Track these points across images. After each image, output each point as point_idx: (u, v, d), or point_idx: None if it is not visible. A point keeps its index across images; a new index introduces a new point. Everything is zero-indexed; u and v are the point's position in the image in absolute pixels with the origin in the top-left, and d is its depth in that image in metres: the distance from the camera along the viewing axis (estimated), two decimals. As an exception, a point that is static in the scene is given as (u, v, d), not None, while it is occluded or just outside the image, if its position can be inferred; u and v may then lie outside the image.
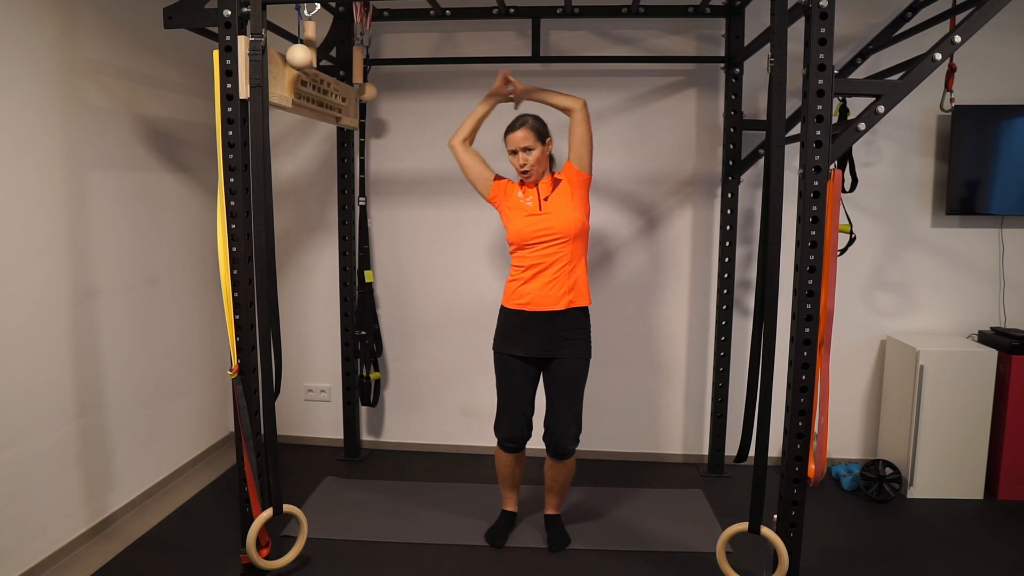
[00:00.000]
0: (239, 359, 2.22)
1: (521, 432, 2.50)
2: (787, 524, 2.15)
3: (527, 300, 2.41)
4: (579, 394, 2.48)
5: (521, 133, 2.41)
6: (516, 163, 2.44)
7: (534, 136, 2.41)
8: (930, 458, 2.96)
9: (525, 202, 2.44)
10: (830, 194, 2.04)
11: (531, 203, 2.43)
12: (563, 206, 2.40)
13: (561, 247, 2.39)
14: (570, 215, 2.38)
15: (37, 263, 2.31)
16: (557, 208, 2.40)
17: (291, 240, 3.49)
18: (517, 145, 2.41)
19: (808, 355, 2.08)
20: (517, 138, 2.41)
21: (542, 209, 2.41)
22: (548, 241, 2.38)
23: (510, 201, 2.47)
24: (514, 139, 2.42)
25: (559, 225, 2.37)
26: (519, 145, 2.41)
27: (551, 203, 2.41)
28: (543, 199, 2.43)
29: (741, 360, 3.17)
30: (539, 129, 2.43)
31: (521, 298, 2.43)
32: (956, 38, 2.06)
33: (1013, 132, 2.99)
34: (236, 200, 2.18)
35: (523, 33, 3.22)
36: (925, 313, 3.24)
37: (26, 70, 2.24)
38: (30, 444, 2.30)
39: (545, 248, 2.39)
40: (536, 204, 2.43)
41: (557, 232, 2.37)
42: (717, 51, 3.18)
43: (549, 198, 2.42)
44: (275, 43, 2.32)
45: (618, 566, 2.46)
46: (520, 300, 2.43)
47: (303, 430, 3.62)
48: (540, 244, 2.39)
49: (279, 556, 2.38)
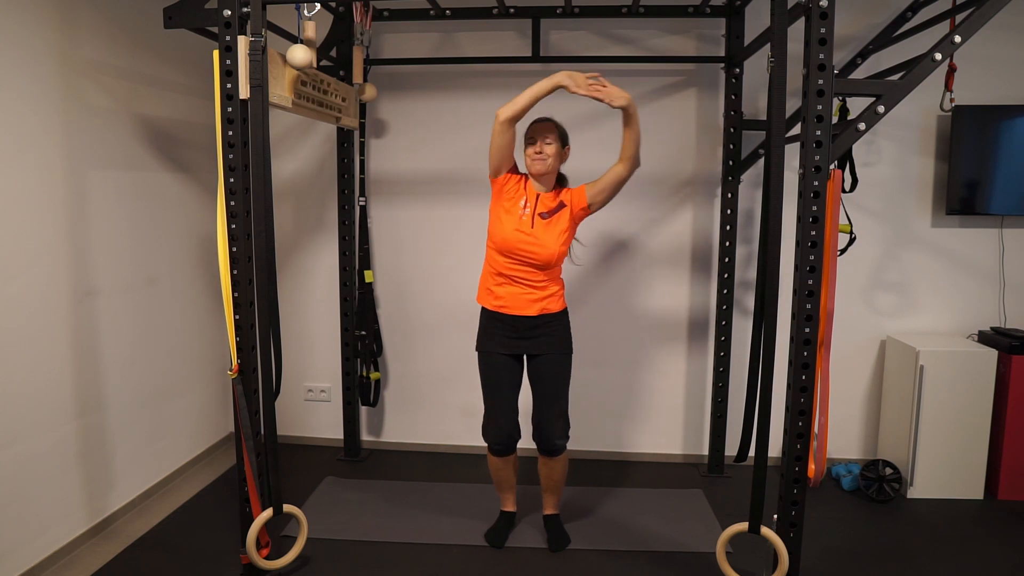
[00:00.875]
0: (239, 359, 2.22)
1: (509, 434, 2.48)
2: (787, 524, 2.15)
3: (502, 303, 2.42)
4: (564, 389, 2.48)
5: (547, 125, 2.39)
6: (532, 150, 2.38)
7: (557, 133, 2.40)
8: (930, 458, 2.96)
9: (522, 211, 2.39)
10: (830, 194, 2.04)
11: (526, 215, 2.38)
12: (552, 235, 2.36)
13: (537, 272, 2.39)
14: (554, 248, 2.35)
15: (37, 263, 2.31)
16: (546, 236, 2.35)
17: (291, 240, 3.49)
18: (539, 134, 2.37)
19: (808, 355, 2.08)
20: (542, 128, 2.38)
21: (532, 228, 2.36)
22: (525, 263, 2.37)
23: (508, 200, 2.42)
24: (539, 128, 2.39)
25: (542, 254, 2.35)
26: (541, 135, 2.37)
27: (543, 228, 2.36)
28: (537, 215, 2.38)
29: (741, 360, 3.17)
30: (563, 132, 2.43)
31: (497, 300, 2.43)
32: (956, 38, 2.06)
33: (1013, 132, 2.99)
34: (236, 200, 2.18)
35: (523, 33, 3.22)
36: (925, 313, 3.24)
37: (26, 70, 2.24)
38: (30, 444, 2.30)
39: (521, 266, 2.38)
40: (529, 219, 2.37)
41: (537, 259, 2.36)
42: (717, 51, 3.18)
43: (545, 218, 2.38)
44: (275, 43, 2.32)
45: (618, 566, 2.46)
46: (496, 302, 2.43)
47: (303, 430, 3.62)
48: (517, 261, 2.38)
49: (279, 556, 2.38)
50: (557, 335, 2.45)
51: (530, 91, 2.26)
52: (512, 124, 2.32)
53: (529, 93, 2.26)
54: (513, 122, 2.31)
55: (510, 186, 2.43)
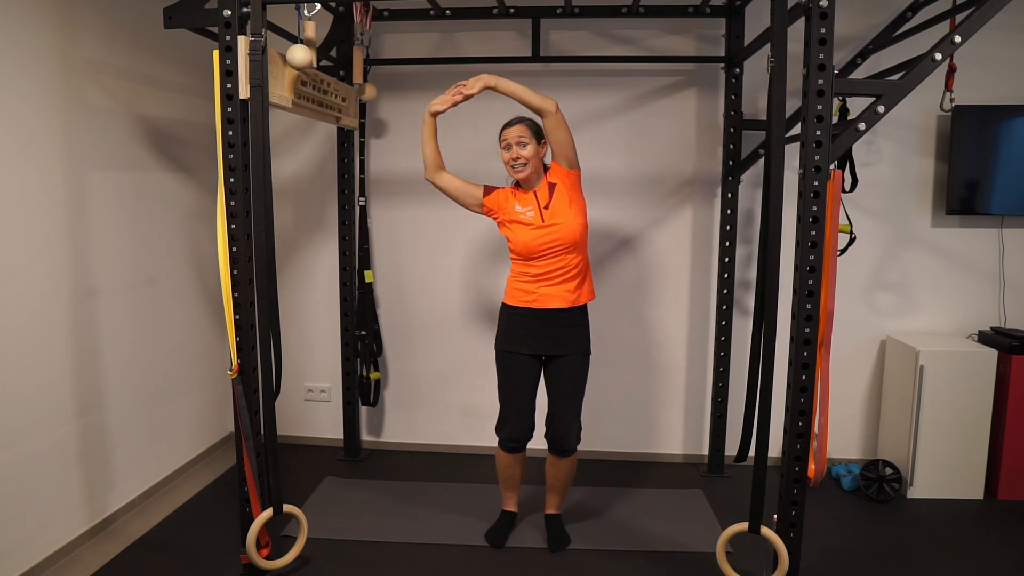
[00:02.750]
0: (239, 359, 2.22)
1: (524, 432, 2.49)
2: (787, 524, 2.15)
3: (533, 298, 2.40)
4: (581, 391, 2.48)
5: (518, 128, 2.39)
6: (509, 157, 2.39)
7: (530, 132, 2.39)
8: (930, 458, 2.96)
9: (526, 214, 2.39)
10: (830, 194, 2.04)
11: (532, 214, 2.38)
12: (564, 213, 2.36)
13: (568, 256, 2.38)
14: (572, 223, 2.35)
15: (37, 263, 2.31)
16: (559, 217, 2.36)
17: (291, 240, 3.49)
18: (512, 139, 2.37)
19: (808, 355, 2.08)
20: (513, 132, 2.38)
21: (544, 220, 2.37)
22: (556, 253, 2.37)
23: (508, 213, 2.43)
24: (510, 133, 2.39)
25: (564, 235, 2.35)
26: (514, 138, 2.37)
27: (552, 212, 2.37)
28: (543, 207, 2.39)
29: (741, 360, 3.17)
30: (536, 129, 2.42)
31: (527, 295, 2.42)
32: (956, 38, 2.06)
33: (1013, 132, 2.99)
34: (236, 200, 2.18)
35: (523, 33, 3.22)
36: (925, 313, 3.24)
37: (26, 70, 2.24)
38: (30, 444, 2.30)
39: (553, 258, 2.38)
40: (537, 215, 2.38)
41: (563, 242, 2.35)
42: (717, 51, 3.17)
43: (549, 206, 2.38)
44: (275, 43, 2.32)
45: (618, 566, 2.46)
46: (526, 298, 2.42)
47: (303, 430, 3.62)
48: (548, 256, 2.38)
49: (279, 556, 2.38)
50: (578, 337, 2.45)
51: (423, 142, 2.46)
52: (438, 170, 2.48)
53: (424, 144, 2.46)
54: (437, 169, 2.48)
55: (503, 203, 2.45)
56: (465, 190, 2.49)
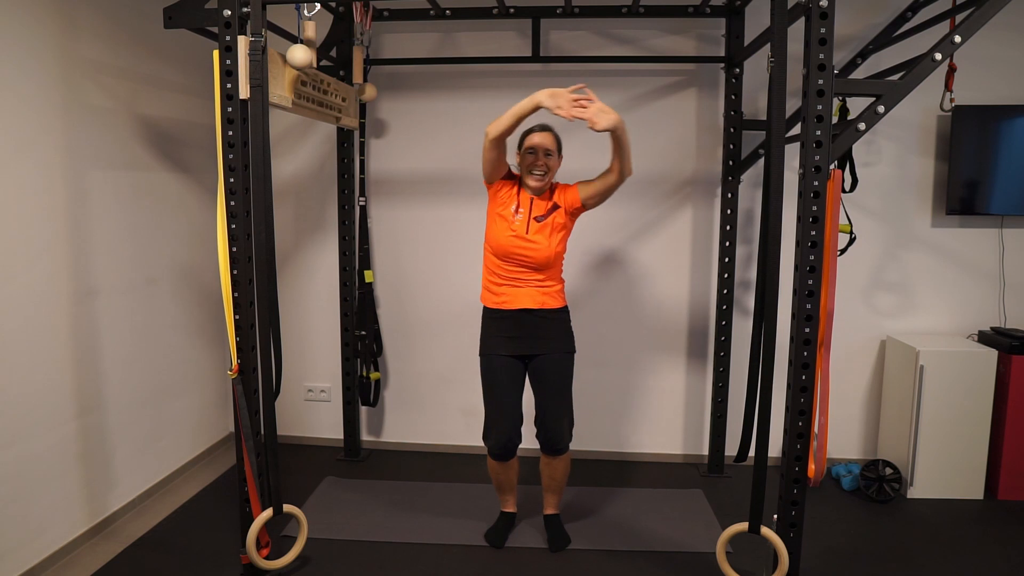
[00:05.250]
0: (239, 359, 2.22)
1: (510, 439, 2.46)
2: (787, 524, 2.15)
3: (504, 299, 2.42)
4: (567, 389, 2.48)
5: (548, 138, 2.38)
6: (531, 161, 2.37)
7: (556, 145, 2.41)
8: (930, 458, 2.96)
9: (515, 216, 2.39)
10: (830, 194, 2.04)
11: (520, 220, 2.38)
12: (548, 237, 2.37)
13: (535, 272, 2.40)
14: (550, 250, 2.37)
15: (37, 263, 2.31)
16: (541, 239, 2.36)
17: (291, 240, 3.49)
18: (540, 146, 2.36)
19: (808, 355, 2.08)
20: (544, 141, 2.37)
21: (528, 233, 2.37)
22: (523, 264, 2.39)
23: (501, 205, 2.42)
24: (540, 139, 2.37)
25: (537, 256, 2.36)
26: (543, 147, 2.36)
27: (539, 231, 2.37)
28: (533, 218, 2.38)
29: (741, 360, 3.17)
30: (559, 142, 2.43)
31: (499, 296, 2.43)
32: (956, 38, 2.06)
33: (1013, 132, 2.99)
34: (236, 200, 2.18)
35: (523, 33, 3.22)
36: (925, 313, 3.24)
37: (26, 70, 2.24)
38: (30, 444, 2.30)
39: (519, 267, 2.40)
40: (524, 224, 2.37)
41: (533, 262, 2.37)
42: (717, 51, 3.18)
43: (540, 221, 2.38)
44: (275, 43, 2.32)
45: (618, 566, 2.46)
46: (497, 299, 2.43)
47: (303, 430, 3.63)
48: (515, 264, 2.39)
49: (279, 556, 2.38)
50: (559, 335, 2.45)
51: (513, 111, 2.23)
52: (500, 142, 2.31)
53: (512, 113, 2.23)
54: (500, 140, 2.30)
55: (503, 192, 2.44)
56: (498, 166, 2.39)
